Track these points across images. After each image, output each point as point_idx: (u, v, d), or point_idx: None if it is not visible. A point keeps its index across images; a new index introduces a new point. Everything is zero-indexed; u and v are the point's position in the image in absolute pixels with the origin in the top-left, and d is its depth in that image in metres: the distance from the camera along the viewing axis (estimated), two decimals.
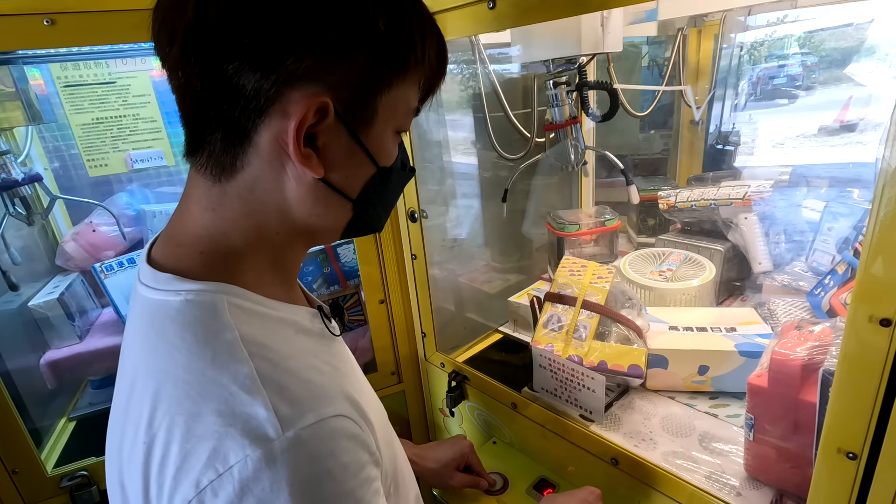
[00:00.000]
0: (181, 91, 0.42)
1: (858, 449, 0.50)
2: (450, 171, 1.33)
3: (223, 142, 0.42)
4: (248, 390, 0.38)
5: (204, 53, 0.39)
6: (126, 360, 0.46)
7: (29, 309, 1.20)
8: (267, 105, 0.40)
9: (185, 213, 0.46)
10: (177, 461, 0.37)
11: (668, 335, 0.93)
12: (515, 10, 0.78)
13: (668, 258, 1.19)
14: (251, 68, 0.38)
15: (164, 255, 0.46)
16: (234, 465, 0.36)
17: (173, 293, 0.42)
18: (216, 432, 0.37)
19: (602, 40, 0.96)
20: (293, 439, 0.37)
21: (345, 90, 0.41)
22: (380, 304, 1.16)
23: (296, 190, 0.44)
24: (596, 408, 0.85)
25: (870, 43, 1.97)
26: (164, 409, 0.39)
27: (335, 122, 0.42)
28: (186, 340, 0.40)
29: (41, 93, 1.19)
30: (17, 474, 0.93)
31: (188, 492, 0.36)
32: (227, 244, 0.45)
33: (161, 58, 0.42)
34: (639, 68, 1.67)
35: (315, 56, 0.39)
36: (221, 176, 0.43)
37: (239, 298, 0.43)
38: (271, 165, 0.42)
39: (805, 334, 0.67)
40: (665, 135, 1.75)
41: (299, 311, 0.49)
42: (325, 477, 0.38)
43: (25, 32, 0.74)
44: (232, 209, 0.44)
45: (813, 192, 1.24)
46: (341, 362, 0.51)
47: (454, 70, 1.28)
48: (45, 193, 1.22)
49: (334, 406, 0.42)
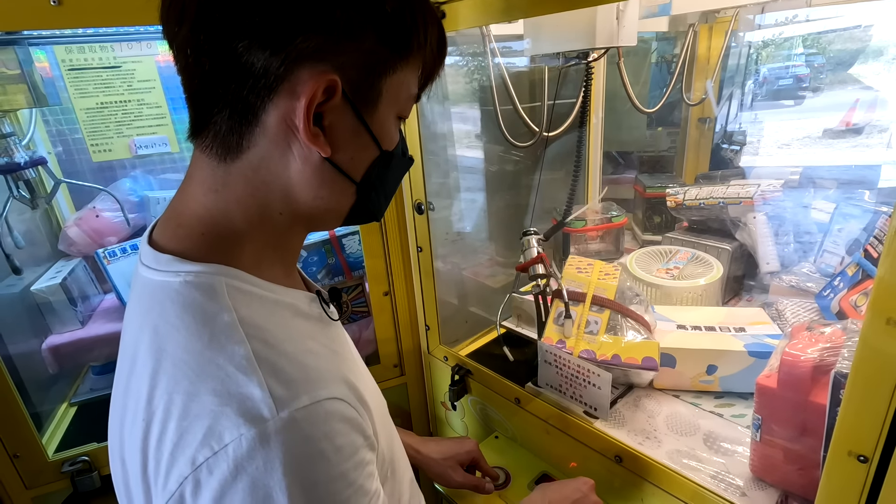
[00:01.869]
0: (189, 71, 0.42)
1: (870, 452, 0.50)
2: (455, 163, 1.32)
3: (230, 121, 0.42)
4: (244, 371, 0.39)
5: (214, 32, 0.39)
6: (127, 339, 0.47)
7: (31, 293, 1.20)
8: (276, 83, 0.40)
9: (188, 194, 0.46)
10: (174, 438, 0.38)
11: (676, 334, 0.92)
12: (529, 0, 0.77)
13: (676, 256, 1.18)
14: (261, 46, 0.39)
15: (165, 237, 0.46)
16: (228, 443, 0.36)
17: (173, 274, 0.43)
18: (212, 411, 0.37)
19: (617, 33, 0.96)
20: (287, 420, 0.38)
21: (352, 70, 0.42)
22: (384, 295, 1.16)
23: (301, 170, 0.44)
24: (601, 404, 0.85)
25: (877, 45, 1.95)
26: (162, 388, 0.40)
27: (342, 102, 0.42)
28: (185, 321, 0.41)
29: (46, 76, 1.18)
30: (18, 458, 0.93)
31: (184, 468, 0.37)
32: (229, 226, 0.45)
33: (169, 38, 0.42)
34: (648, 64, 1.66)
35: (324, 35, 0.40)
36: (227, 156, 0.43)
37: (238, 281, 0.44)
38: (277, 145, 0.43)
39: (816, 336, 0.66)
40: (672, 132, 1.74)
41: (297, 295, 0.49)
42: (318, 458, 0.38)
43: (32, 11, 0.73)
44: (236, 190, 0.44)
45: (821, 193, 1.23)
46: (339, 346, 0.52)
47: (460, 62, 1.27)
48: (48, 177, 1.21)
49: (329, 389, 0.42)
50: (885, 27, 1.82)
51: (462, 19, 0.86)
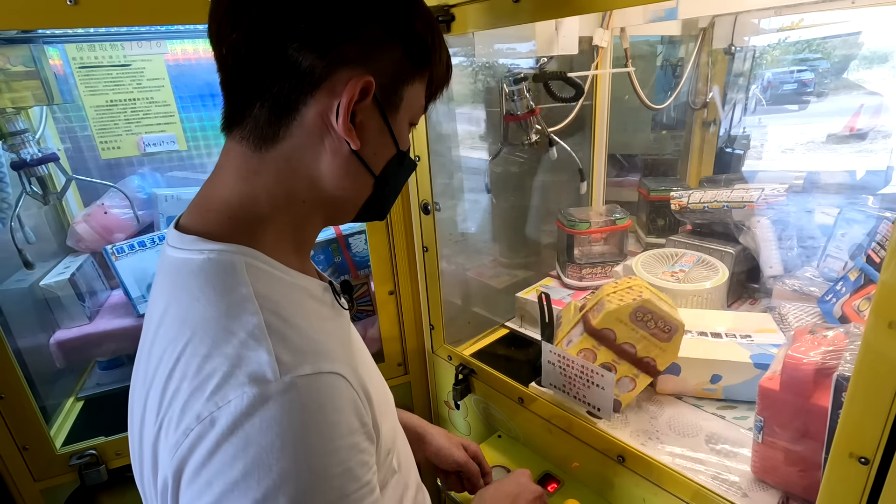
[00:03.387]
0: (236, 68, 0.47)
1: (871, 454, 0.51)
2: (459, 164, 1.33)
3: (270, 114, 0.46)
4: (256, 338, 0.42)
5: (269, 34, 0.44)
6: (151, 313, 0.50)
7: (40, 288, 1.21)
8: (319, 82, 0.45)
9: (217, 183, 0.50)
10: (185, 396, 0.41)
11: (683, 341, 0.92)
12: (537, 5, 0.78)
13: (681, 259, 1.19)
14: (310, 49, 0.44)
15: (192, 221, 0.50)
16: (231, 399, 0.39)
17: (196, 252, 0.46)
18: (223, 372, 0.40)
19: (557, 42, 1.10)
20: (289, 383, 0.40)
21: (383, 76, 0.48)
22: (389, 294, 1.17)
23: (330, 161, 0.49)
24: (604, 405, 0.86)
25: (883, 51, 1.95)
26: (182, 350, 0.43)
27: (371, 104, 0.48)
28: (206, 292, 0.44)
29: (58, 73, 1.19)
30: (27, 451, 0.95)
31: (191, 422, 0.39)
32: (255, 209, 0.48)
33: (219, 38, 0.47)
34: (654, 68, 1.67)
35: (363, 43, 0.46)
36: (262, 145, 0.47)
37: (257, 261, 0.47)
38: (311, 137, 0.47)
39: (819, 339, 0.67)
40: (677, 136, 1.75)
41: (311, 282, 0.52)
42: (313, 428, 0.40)
43: (49, 11, 0.74)
44: (267, 177, 0.48)
45: (826, 198, 1.23)
46: (347, 336, 0.55)
47: (465, 63, 1.28)
48: (60, 173, 1.22)
49: (334, 364, 0.44)
50: (891, 33, 1.82)
51: (471, 22, 0.87)
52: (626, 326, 0.86)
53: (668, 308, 0.87)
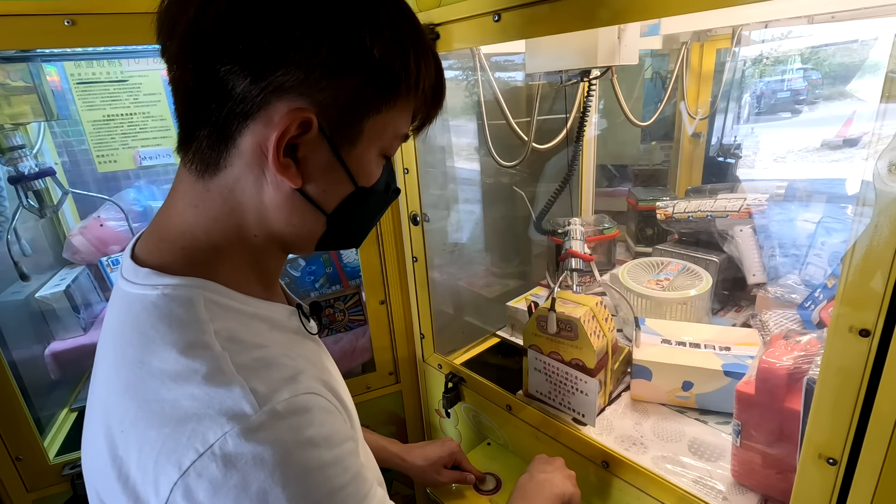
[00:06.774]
0: (175, 84, 0.44)
1: (838, 455, 0.52)
2: (452, 175, 1.36)
3: (209, 139, 0.43)
4: (223, 373, 0.39)
5: (199, 51, 0.40)
6: (102, 352, 0.47)
7: (36, 300, 1.23)
8: (253, 110, 0.41)
9: (171, 208, 0.47)
10: (156, 445, 0.37)
11: (658, 348, 0.94)
12: (521, 22, 0.80)
13: (667, 268, 1.21)
14: (242, 73, 0.40)
15: (146, 251, 0.47)
16: (213, 442, 0.36)
17: (151, 287, 0.43)
18: (194, 415, 0.37)
19: (619, 52, 0.97)
20: (270, 412, 0.38)
21: (332, 108, 0.42)
22: (380, 304, 1.18)
23: (273, 196, 0.45)
24: (589, 411, 0.87)
25: (874, 60, 1.98)
26: (140, 398, 0.40)
27: (318, 137, 0.43)
28: (161, 331, 0.41)
29: (56, 89, 1.21)
30: (20, 461, 0.96)
31: (172, 474, 0.36)
32: (208, 241, 0.46)
33: (161, 49, 0.43)
34: (641, 80, 1.70)
35: (305, 71, 0.40)
36: (205, 173, 0.44)
37: (215, 294, 0.44)
38: (251, 169, 0.43)
39: (792, 344, 0.69)
40: (666, 146, 1.78)
41: (276, 308, 0.50)
42: (307, 445, 0.39)
43: (47, 32, 0.77)
44: (213, 207, 0.45)
45: (809, 207, 1.26)
46: (316, 357, 0.52)
47: (459, 76, 1.31)
48: (56, 187, 1.24)
49: (308, 385, 0.43)
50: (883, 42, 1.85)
51: (457, 39, 0.90)
52: (542, 338, 0.91)
53: (569, 308, 0.89)
